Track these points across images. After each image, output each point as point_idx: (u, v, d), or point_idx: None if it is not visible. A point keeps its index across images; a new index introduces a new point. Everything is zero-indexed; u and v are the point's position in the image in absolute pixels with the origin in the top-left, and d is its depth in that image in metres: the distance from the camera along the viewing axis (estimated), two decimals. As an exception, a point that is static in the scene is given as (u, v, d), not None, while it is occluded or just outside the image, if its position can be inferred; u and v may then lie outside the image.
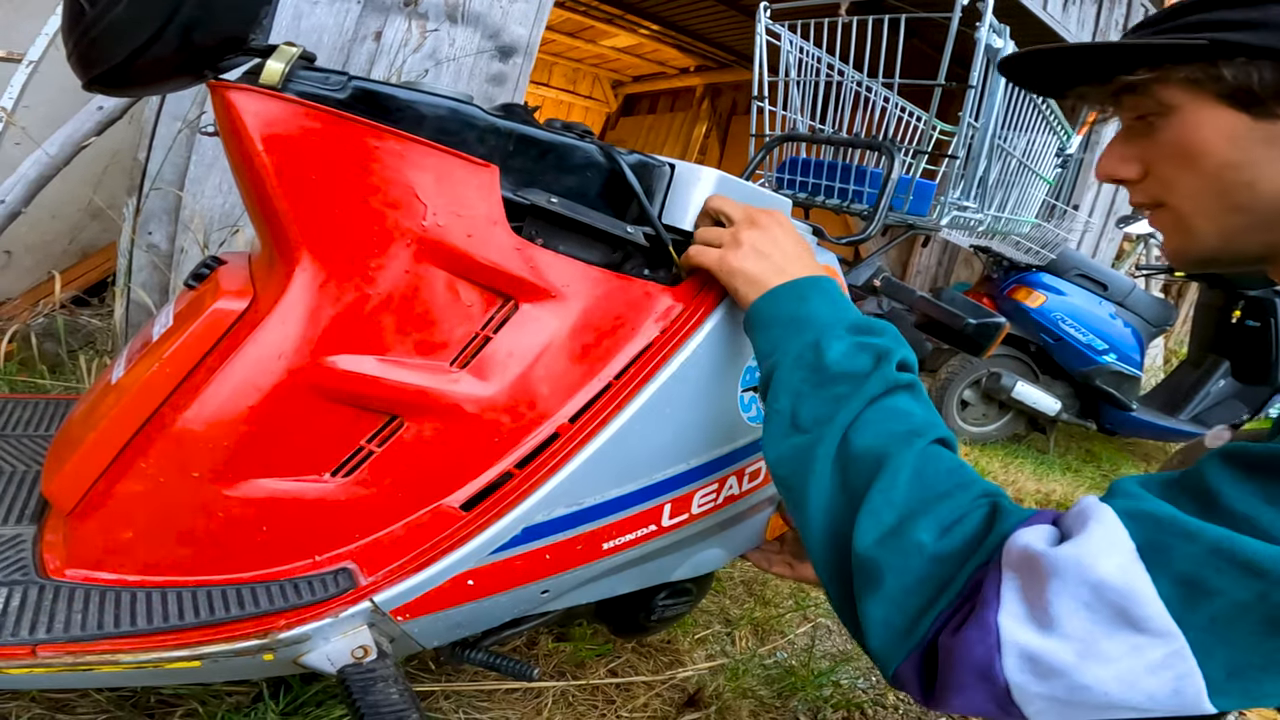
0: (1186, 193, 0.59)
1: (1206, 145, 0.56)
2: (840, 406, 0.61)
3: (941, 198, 1.33)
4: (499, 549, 0.71)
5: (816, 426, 0.61)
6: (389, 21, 1.83)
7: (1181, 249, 0.62)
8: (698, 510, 0.85)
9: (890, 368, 0.63)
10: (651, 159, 0.81)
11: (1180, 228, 0.61)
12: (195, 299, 0.71)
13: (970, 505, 0.55)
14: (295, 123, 0.62)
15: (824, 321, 0.68)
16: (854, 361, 0.64)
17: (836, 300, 0.71)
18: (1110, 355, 3.00)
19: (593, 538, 0.76)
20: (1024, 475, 2.71)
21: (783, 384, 0.65)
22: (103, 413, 0.68)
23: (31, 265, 1.87)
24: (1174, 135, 0.58)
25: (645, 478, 0.78)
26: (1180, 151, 0.58)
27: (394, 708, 0.63)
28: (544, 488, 0.71)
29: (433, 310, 0.69)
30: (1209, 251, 0.60)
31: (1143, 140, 0.61)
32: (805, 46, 1.54)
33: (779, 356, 0.67)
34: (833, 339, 0.66)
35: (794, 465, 0.62)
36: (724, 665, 1.24)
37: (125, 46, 0.61)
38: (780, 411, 0.65)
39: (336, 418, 0.67)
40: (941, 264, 5.47)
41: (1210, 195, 0.57)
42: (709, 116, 8.62)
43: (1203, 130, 0.56)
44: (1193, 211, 0.59)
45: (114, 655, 0.59)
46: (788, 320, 0.69)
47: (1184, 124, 0.57)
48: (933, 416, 0.63)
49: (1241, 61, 0.53)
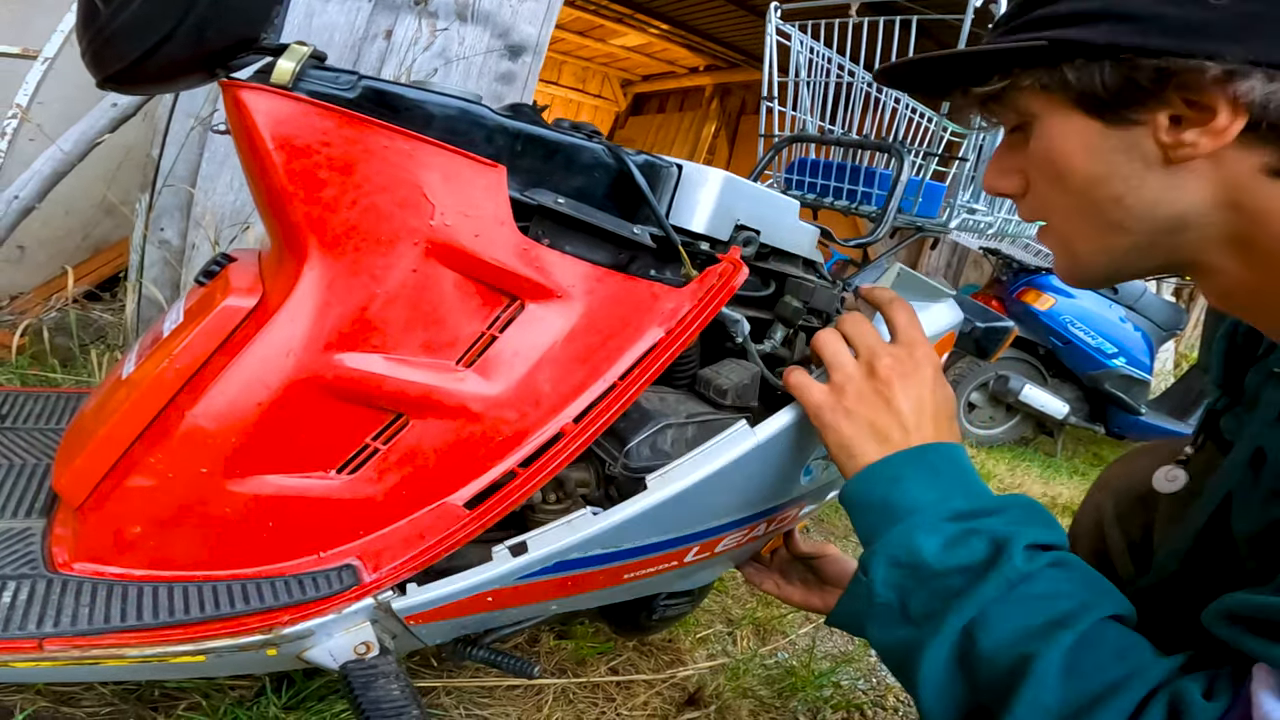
0: (1061, 212, 0.53)
1: (1068, 158, 0.51)
2: (952, 604, 0.52)
3: (951, 200, 1.33)
4: (526, 575, 0.71)
5: (926, 622, 0.53)
6: (399, 20, 1.84)
7: (1070, 270, 0.56)
8: (721, 550, 0.84)
9: (1016, 556, 0.52)
10: (659, 159, 0.81)
11: (1066, 250, 0.55)
12: (205, 295, 0.72)
13: (1146, 697, 0.44)
14: (305, 121, 0.62)
15: (918, 509, 0.57)
16: (960, 554, 0.54)
17: (944, 477, 0.59)
18: (1119, 359, 2.98)
19: (617, 571, 0.76)
20: (1030, 478, 2.70)
21: (880, 579, 0.57)
22: (113, 408, 0.68)
23: (45, 260, 1.88)
24: (1040, 146, 0.52)
25: (689, 529, 0.76)
26: (1048, 165, 0.52)
27: (395, 704, 0.63)
28: (589, 529, 0.69)
29: (439, 309, 0.69)
30: (1100, 271, 0.55)
31: (1020, 151, 0.55)
32: (815, 47, 1.54)
33: (874, 549, 0.58)
34: (927, 532, 0.55)
35: (901, 660, 0.55)
36: (725, 665, 1.24)
37: (139, 45, 0.61)
38: (886, 605, 0.56)
39: (343, 415, 0.68)
40: (951, 266, 5.45)
41: (1082, 215, 0.52)
42: (718, 116, 8.61)
43: (1061, 141, 0.51)
44: (1072, 234, 0.54)
45: (119, 649, 0.60)
46: (880, 507, 0.59)
47: (1046, 134, 0.52)
48: (1091, 594, 0.52)
49: (1081, 63, 0.47)
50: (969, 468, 0.61)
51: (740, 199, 0.83)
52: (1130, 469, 0.80)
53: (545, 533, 0.70)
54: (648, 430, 0.75)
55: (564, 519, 0.70)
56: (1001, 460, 2.88)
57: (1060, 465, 3.12)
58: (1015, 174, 0.56)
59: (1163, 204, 0.49)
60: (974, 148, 1.34)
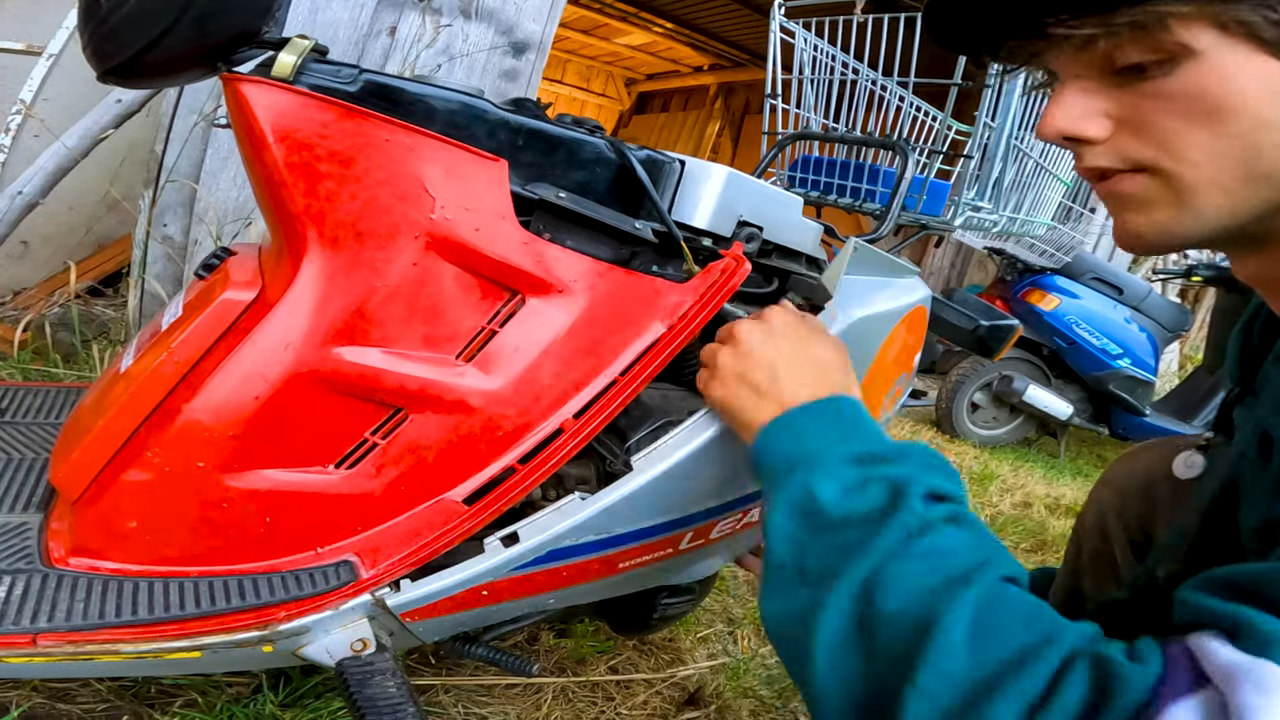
0: (1198, 156, 0.48)
1: (1240, 99, 0.46)
2: (849, 558, 0.49)
3: (956, 198, 1.32)
4: (520, 566, 0.71)
5: (822, 583, 0.50)
6: (403, 17, 1.84)
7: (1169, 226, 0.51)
8: (715, 536, 0.84)
9: (915, 501, 0.51)
10: (661, 155, 0.81)
11: (1176, 199, 0.50)
12: (205, 289, 0.72)
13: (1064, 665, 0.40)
14: (306, 115, 0.62)
15: (818, 455, 0.56)
16: (859, 500, 0.52)
17: (845, 423, 0.59)
18: (1124, 360, 2.96)
19: (611, 559, 0.76)
20: (1034, 479, 2.68)
21: (779, 534, 0.54)
22: (110, 401, 0.68)
23: (48, 256, 1.89)
24: (1189, 85, 0.47)
25: (680, 512, 0.76)
26: (1200, 107, 0.47)
27: (391, 701, 0.63)
28: (580, 515, 0.70)
29: (439, 303, 0.69)
30: (1207, 229, 0.50)
31: (1117, 92, 0.50)
32: (820, 44, 1.53)
33: (773, 501, 0.56)
34: (827, 476, 0.54)
35: (795, 635, 0.50)
36: (725, 664, 1.23)
37: (139, 39, 0.61)
38: (781, 565, 0.53)
39: (341, 409, 0.68)
40: (955, 265, 5.44)
41: (1232, 160, 0.47)
42: (722, 115, 8.60)
43: (1236, 81, 0.46)
44: (1201, 180, 0.48)
45: (114, 645, 0.60)
46: (783, 461, 0.57)
47: (1209, 72, 0.46)
48: (987, 549, 0.49)
49: None
50: (867, 418, 0.61)
51: (743, 195, 0.83)
52: (1133, 465, 0.80)
53: (536, 521, 0.70)
54: (649, 427, 0.75)
55: (554, 505, 0.70)
56: (1005, 461, 2.86)
57: (1064, 466, 3.10)
58: (1101, 116, 0.51)
59: None
60: (978, 145, 1.33)
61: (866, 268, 0.85)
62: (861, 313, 0.81)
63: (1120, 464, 0.83)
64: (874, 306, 0.84)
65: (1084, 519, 0.83)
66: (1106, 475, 0.83)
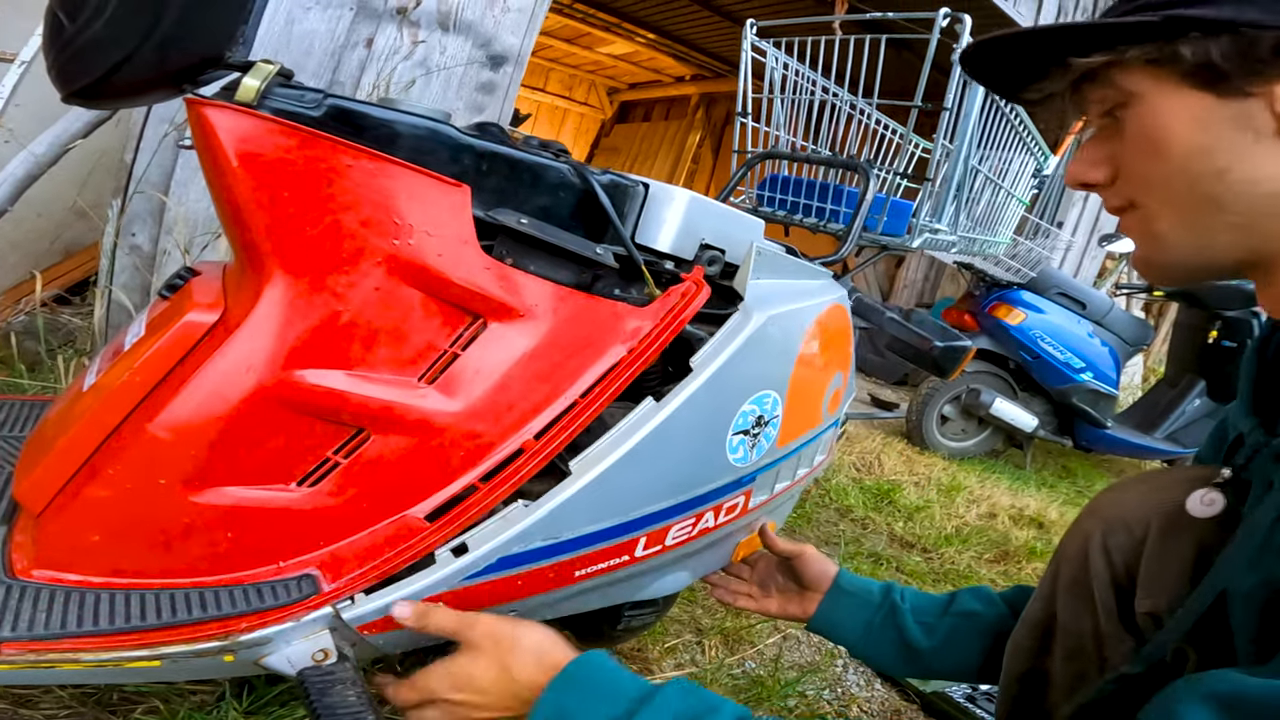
0: (1154, 187, 0.54)
1: (1172, 131, 0.52)
2: None
3: (914, 219, 1.36)
4: (473, 575, 0.72)
5: None
6: (380, 29, 1.85)
7: (1152, 257, 0.57)
8: (671, 542, 0.86)
9: None
10: (625, 178, 0.83)
11: (1150, 231, 0.56)
12: (168, 309, 0.73)
13: None
14: (270, 140, 0.63)
15: None
16: None
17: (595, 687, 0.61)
18: (1087, 373, 3.04)
19: (565, 566, 0.78)
20: (1000, 490, 2.74)
21: None
22: (74, 418, 0.69)
23: (15, 263, 1.86)
24: (1139, 125, 0.54)
25: (625, 514, 0.79)
26: (1146, 142, 0.54)
27: (351, 709, 0.64)
28: (524, 521, 0.72)
29: (402, 327, 0.70)
30: (1182, 258, 0.55)
31: (1112, 140, 0.57)
32: (791, 63, 1.57)
33: None
34: None
35: None
36: (693, 674, 1.25)
37: (104, 62, 0.62)
38: None
39: (304, 429, 0.69)
40: (928, 279, 5.53)
41: (1179, 187, 0.53)
42: (703, 125, 8.67)
43: (1167, 115, 0.52)
44: (1161, 209, 0.54)
45: (75, 654, 0.60)
46: None
47: (1148, 111, 0.53)
48: None
49: (1197, 36, 0.49)
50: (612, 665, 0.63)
51: (706, 218, 0.85)
52: (1121, 498, 0.78)
53: (482, 530, 0.72)
54: None
55: (498, 514, 0.72)
56: (972, 472, 2.92)
57: (1029, 477, 3.17)
58: (1104, 164, 0.58)
59: (1266, 180, 0.50)
60: (937, 166, 1.37)
61: (773, 274, 0.90)
62: (771, 312, 0.85)
63: (1109, 495, 0.81)
64: (783, 306, 0.88)
65: (1066, 547, 0.81)
66: (1094, 505, 0.80)
